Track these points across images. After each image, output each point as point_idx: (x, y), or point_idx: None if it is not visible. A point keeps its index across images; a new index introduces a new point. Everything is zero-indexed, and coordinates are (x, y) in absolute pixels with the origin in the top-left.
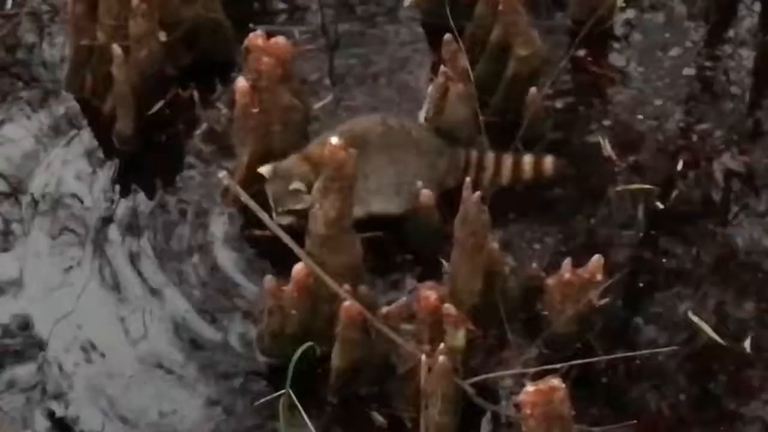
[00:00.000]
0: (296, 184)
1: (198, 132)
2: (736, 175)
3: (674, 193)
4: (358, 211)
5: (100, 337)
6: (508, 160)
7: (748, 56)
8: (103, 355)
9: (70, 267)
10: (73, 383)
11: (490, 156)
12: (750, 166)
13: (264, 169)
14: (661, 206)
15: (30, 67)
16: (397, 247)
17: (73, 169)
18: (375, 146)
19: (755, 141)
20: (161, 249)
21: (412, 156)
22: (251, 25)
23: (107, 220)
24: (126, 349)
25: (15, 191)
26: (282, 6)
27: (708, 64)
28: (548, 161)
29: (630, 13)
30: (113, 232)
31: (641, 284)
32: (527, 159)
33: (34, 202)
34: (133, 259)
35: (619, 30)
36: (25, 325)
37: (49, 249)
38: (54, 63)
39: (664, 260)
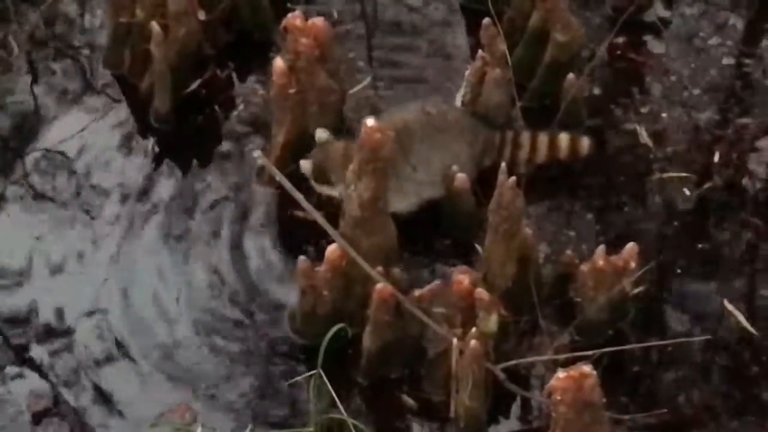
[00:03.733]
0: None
1: (234, 112)
2: None
3: (710, 182)
4: (413, 204)
5: (133, 315)
6: (544, 138)
7: None
8: (135, 334)
9: (104, 244)
10: (103, 362)
11: (525, 135)
12: None
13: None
14: (697, 195)
15: (69, 43)
16: (432, 230)
17: (109, 146)
18: (418, 137)
19: None
20: (196, 228)
21: (453, 139)
22: (289, 5)
23: (142, 198)
24: (158, 329)
25: (51, 166)
26: None
27: (747, 53)
28: (585, 141)
29: (669, 2)
30: (148, 210)
31: (675, 272)
32: (563, 137)
33: (70, 178)
34: (167, 237)
35: (658, 18)
36: (58, 303)
37: (83, 225)
38: (93, 39)
39: (699, 249)
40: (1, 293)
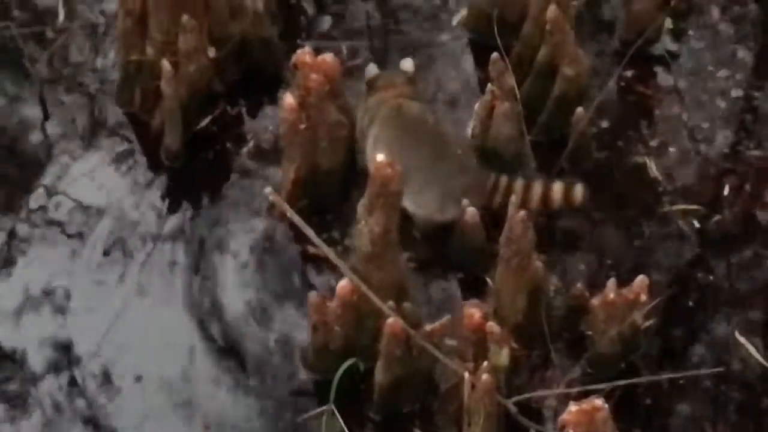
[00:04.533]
0: None
1: (245, 148)
2: None
3: (720, 215)
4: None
5: (144, 350)
6: (538, 188)
7: None
8: (146, 368)
9: (116, 281)
10: (115, 397)
11: (519, 182)
12: None
13: None
14: (707, 227)
15: (81, 81)
16: (442, 264)
17: (120, 184)
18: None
19: None
20: (207, 264)
21: (447, 171)
22: (299, 41)
23: (154, 235)
24: (171, 363)
25: (62, 205)
26: (330, 21)
27: (756, 85)
28: (579, 189)
29: (677, 35)
30: (160, 247)
31: (687, 305)
32: (557, 187)
33: (81, 216)
34: (179, 273)
35: (666, 51)
36: (68, 338)
37: (96, 263)
38: (105, 77)
39: (710, 281)
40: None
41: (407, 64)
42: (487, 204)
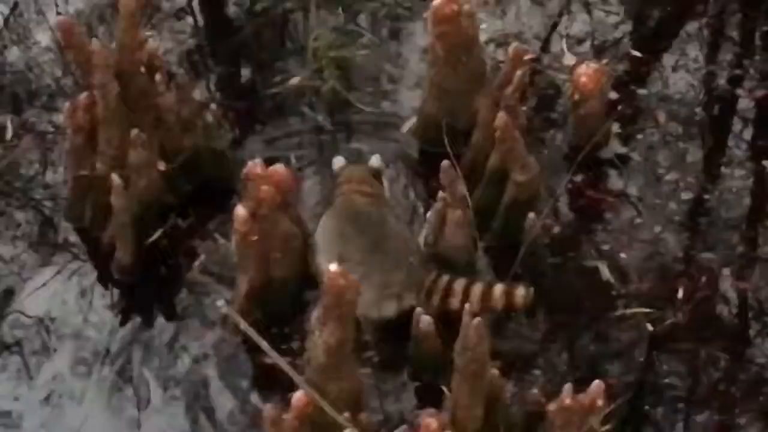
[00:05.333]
0: None
1: (197, 262)
2: (736, 300)
3: (674, 318)
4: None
5: None
6: (478, 288)
7: (744, 178)
8: None
9: (67, 398)
10: None
11: (460, 282)
12: (749, 292)
13: None
14: (660, 331)
15: (31, 196)
16: (398, 373)
17: (72, 300)
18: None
19: (753, 266)
20: (161, 379)
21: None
22: (249, 153)
23: (107, 351)
24: None
25: (11, 321)
26: (279, 132)
27: (706, 188)
28: (520, 292)
29: (626, 139)
30: (111, 363)
31: (643, 409)
32: (498, 288)
33: (31, 332)
34: (132, 390)
35: (615, 155)
36: None
37: (46, 380)
38: (55, 193)
39: (666, 384)
40: None
41: (375, 160)
42: (426, 302)
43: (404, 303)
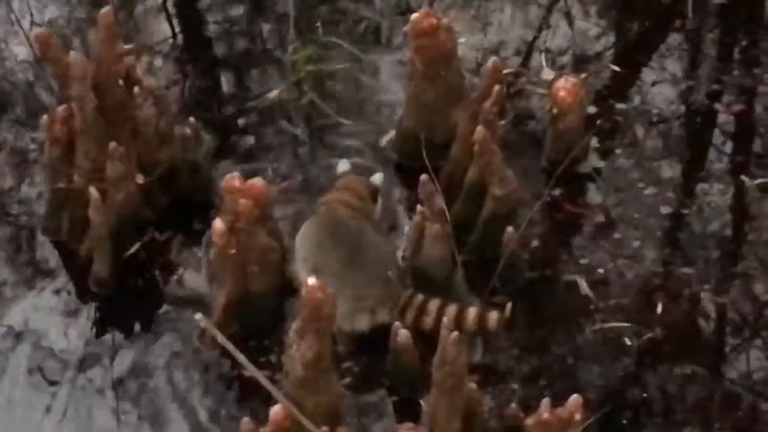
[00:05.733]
0: None
1: (175, 275)
2: (714, 315)
3: (652, 332)
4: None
5: None
6: (452, 309)
7: (722, 193)
8: None
9: (40, 411)
10: None
11: (434, 302)
12: (727, 307)
13: None
14: (639, 345)
15: (7, 210)
16: (376, 387)
17: (48, 313)
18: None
19: (732, 281)
20: (138, 394)
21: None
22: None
23: (83, 365)
24: None
25: None
26: (257, 145)
27: (684, 203)
28: (493, 316)
29: (604, 153)
30: (89, 376)
31: (621, 423)
32: (472, 310)
33: (9, 346)
34: (110, 403)
35: (593, 169)
36: None
37: (24, 393)
38: (32, 205)
39: (643, 399)
40: None
41: (378, 178)
42: (401, 319)
43: (377, 318)
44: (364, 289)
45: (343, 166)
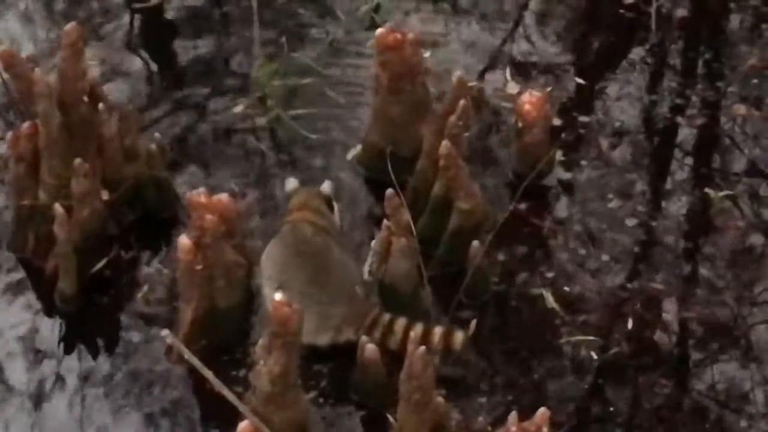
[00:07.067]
0: None
1: (140, 291)
2: (680, 327)
3: (618, 346)
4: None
5: None
6: (419, 329)
7: (686, 206)
8: None
9: (3, 428)
10: None
11: (400, 321)
12: (693, 319)
13: None
14: (605, 359)
15: None
16: (343, 401)
17: (14, 330)
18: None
19: (697, 294)
20: (104, 411)
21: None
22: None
23: (48, 382)
24: None
25: None
26: (222, 160)
27: (650, 215)
28: (459, 336)
29: (570, 166)
30: (54, 393)
31: None
32: (437, 330)
33: None
34: (75, 421)
35: (559, 182)
36: None
37: None
38: None
39: (610, 412)
40: None
41: (327, 186)
42: (362, 335)
43: (342, 336)
44: (329, 307)
45: (291, 183)
